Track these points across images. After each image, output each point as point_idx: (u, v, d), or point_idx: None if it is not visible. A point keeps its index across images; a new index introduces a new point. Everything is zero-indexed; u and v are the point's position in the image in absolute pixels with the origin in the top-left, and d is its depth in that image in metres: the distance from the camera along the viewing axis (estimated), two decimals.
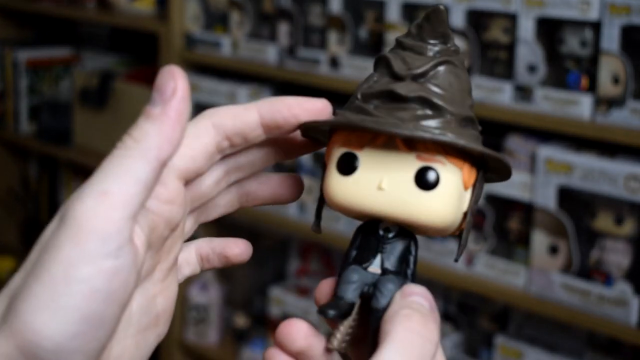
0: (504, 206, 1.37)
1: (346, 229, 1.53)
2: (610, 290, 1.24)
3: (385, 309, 0.36)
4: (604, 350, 1.36)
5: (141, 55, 2.18)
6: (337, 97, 0.78)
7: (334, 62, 1.56)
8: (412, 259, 0.39)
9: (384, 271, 0.38)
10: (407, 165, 0.38)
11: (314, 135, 0.42)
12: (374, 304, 0.37)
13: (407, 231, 0.39)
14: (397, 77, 0.39)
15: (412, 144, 0.38)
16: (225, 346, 1.89)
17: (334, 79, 1.55)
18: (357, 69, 1.52)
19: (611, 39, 1.21)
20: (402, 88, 0.38)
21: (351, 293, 0.38)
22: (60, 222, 0.34)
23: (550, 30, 1.30)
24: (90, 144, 2.14)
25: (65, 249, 0.33)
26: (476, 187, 0.40)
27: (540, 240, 1.31)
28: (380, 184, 0.38)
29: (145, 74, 2.04)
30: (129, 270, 0.33)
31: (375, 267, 0.38)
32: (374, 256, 0.39)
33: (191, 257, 0.43)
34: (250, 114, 0.40)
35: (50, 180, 2.40)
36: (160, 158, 0.34)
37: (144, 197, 0.34)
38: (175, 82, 0.35)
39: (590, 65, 1.26)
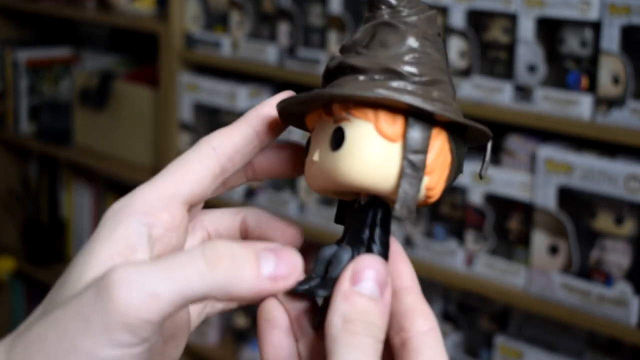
0: (504, 206, 1.37)
1: None
2: (610, 290, 1.24)
3: (335, 279, 0.36)
4: (604, 350, 1.36)
5: (141, 55, 2.18)
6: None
7: None
8: (377, 230, 0.38)
9: (348, 243, 0.38)
10: (328, 132, 0.38)
11: (295, 124, 0.42)
12: (330, 273, 0.37)
13: (377, 201, 0.38)
14: (346, 51, 0.39)
15: (330, 110, 0.38)
16: (225, 346, 1.89)
17: None
18: None
19: (611, 39, 1.21)
20: (349, 59, 0.38)
21: (318, 269, 0.38)
22: (97, 297, 0.32)
23: (550, 30, 1.30)
24: (90, 144, 2.14)
25: (94, 328, 0.32)
26: (452, 150, 0.39)
27: (540, 240, 1.31)
28: (313, 158, 0.38)
29: (145, 74, 2.04)
30: (150, 348, 0.33)
31: (346, 242, 0.38)
32: (347, 231, 0.39)
33: None
34: (244, 129, 0.41)
35: (50, 180, 2.40)
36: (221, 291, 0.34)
37: (189, 302, 0.33)
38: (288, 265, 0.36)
39: (590, 65, 1.26)
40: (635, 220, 1.23)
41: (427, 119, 0.37)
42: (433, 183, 0.39)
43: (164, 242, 0.37)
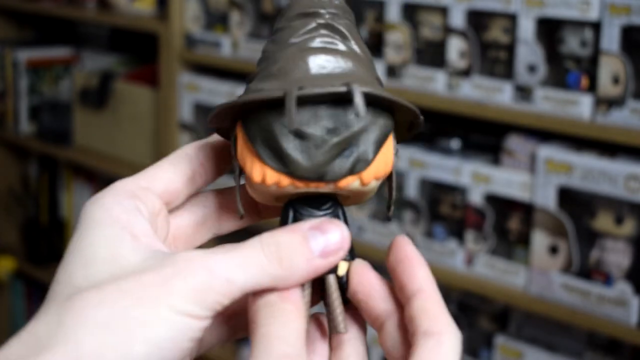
0: (504, 206, 1.37)
1: None
2: (610, 290, 1.24)
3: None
4: (604, 350, 1.36)
5: (141, 55, 2.18)
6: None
7: None
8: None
9: None
10: None
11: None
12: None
13: (335, 200, 0.39)
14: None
15: None
16: (225, 346, 1.89)
17: None
18: None
19: (611, 39, 1.21)
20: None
21: None
22: (177, 274, 0.35)
23: (550, 30, 1.30)
24: (90, 144, 2.14)
25: (172, 294, 0.34)
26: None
27: (540, 240, 1.31)
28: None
29: (145, 74, 2.04)
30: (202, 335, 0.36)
31: None
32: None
33: None
34: (216, 138, 0.42)
35: (50, 180, 2.40)
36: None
37: (251, 291, 0.36)
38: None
39: (590, 65, 1.26)
40: (635, 220, 1.23)
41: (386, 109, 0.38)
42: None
43: (153, 225, 0.38)
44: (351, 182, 0.37)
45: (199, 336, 0.35)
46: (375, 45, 1.51)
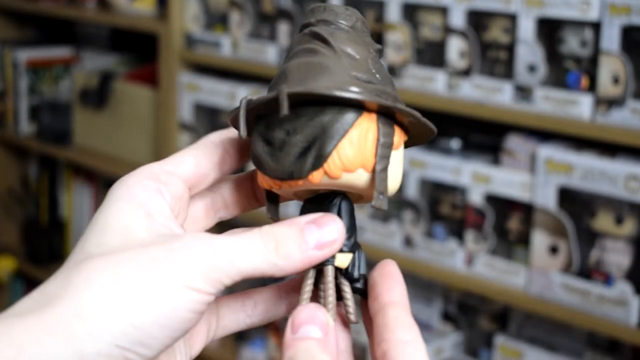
0: (504, 206, 1.37)
1: None
2: (610, 290, 1.24)
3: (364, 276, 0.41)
4: (604, 350, 1.36)
5: (141, 55, 2.18)
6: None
7: None
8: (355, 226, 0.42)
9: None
10: None
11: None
12: (353, 272, 0.41)
13: (342, 195, 0.41)
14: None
15: None
16: (225, 346, 1.89)
17: None
18: None
19: (611, 39, 1.21)
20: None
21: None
22: (187, 249, 0.37)
23: (550, 30, 1.30)
24: (90, 144, 2.14)
25: (180, 268, 0.36)
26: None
27: (540, 240, 1.31)
28: None
29: (145, 74, 2.04)
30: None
31: None
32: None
33: None
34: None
35: (50, 180, 2.40)
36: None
37: (250, 277, 0.38)
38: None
39: (590, 65, 1.26)
40: (635, 220, 1.23)
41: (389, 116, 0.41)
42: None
43: (174, 208, 0.40)
44: (321, 177, 0.39)
45: (201, 310, 0.36)
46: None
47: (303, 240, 0.38)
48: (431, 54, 1.44)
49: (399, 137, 0.41)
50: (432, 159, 1.43)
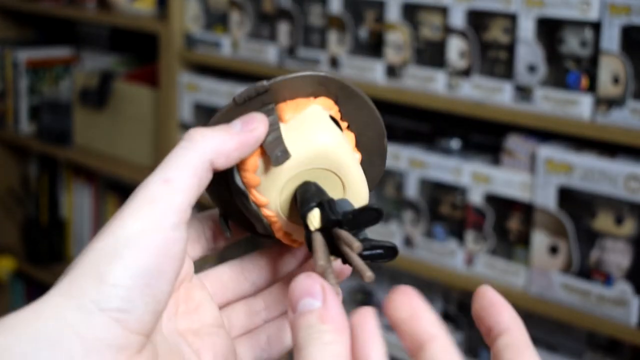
0: (504, 206, 1.37)
1: None
2: (610, 290, 1.24)
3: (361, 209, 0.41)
4: (604, 350, 1.36)
5: (141, 55, 2.18)
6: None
7: (334, 62, 1.56)
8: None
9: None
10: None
11: None
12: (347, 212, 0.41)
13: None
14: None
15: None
16: None
17: None
18: (357, 69, 1.52)
19: (611, 39, 1.21)
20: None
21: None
22: (125, 204, 0.39)
23: (550, 30, 1.30)
24: (90, 144, 2.14)
25: (129, 220, 0.38)
26: None
27: (540, 240, 1.31)
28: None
29: (145, 74, 2.04)
30: (183, 244, 0.39)
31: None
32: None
33: None
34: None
35: (50, 180, 2.40)
36: (211, 161, 0.40)
37: (198, 189, 0.39)
38: (258, 124, 0.41)
39: (590, 65, 1.26)
40: (635, 220, 1.23)
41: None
42: None
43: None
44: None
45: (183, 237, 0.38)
46: (375, 45, 1.51)
47: (230, 129, 0.41)
48: (431, 54, 1.44)
49: (286, 109, 0.42)
50: (432, 159, 1.43)
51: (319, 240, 0.39)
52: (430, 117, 1.57)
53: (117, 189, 2.20)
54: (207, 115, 1.82)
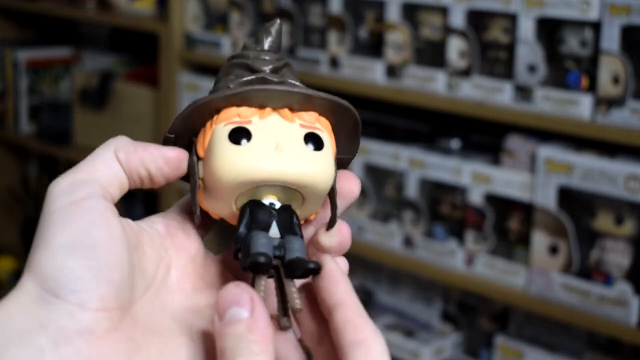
0: (504, 206, 1.37)
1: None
2: (610, 290, 1.24)
3: (297, 259, 0.38)
4: (604, 350, 1.36)
5: (141, 55, 2.18)
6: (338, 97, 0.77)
7: (334, 62, 1.56)
8: (298, 227, 0.40)
9: (283, 234, 0.39)
10: (294, 131, 0.41)
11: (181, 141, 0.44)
12: (288, 256, 0.38)
13: (287, 205, 0.41)
14: (258, 72, 0.43)
15: (293, 114, 0.42)
16: None
17: (334, 79, 1.55)
18: (357, 69, 1.52)
19: (611, 39, 1.21)
20: (271, 76, 0.43)
21: (268, 249, 0.38)
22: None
23: (550, 30, 1.30)
24: (90, 144, 2.14)
25: (52, 205, 0.40)
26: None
27: (540, 240, 1.31)
28: (277, 146, 0.40)
29: (145, 74, 2.04)
30: (105, 212, 0.39)
31: (274, 233, 0.40)
32: (269, 225, 0.40)
33: None
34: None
35: (50, 180, 2.37)
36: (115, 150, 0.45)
37: (109, 170, 0.44)
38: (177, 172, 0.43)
39: (590, 65, 1.26)
40: (635, 220, 1.23)
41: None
42: None
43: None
44: None
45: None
46: (375, 45, 1.51)
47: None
48: (431, 54, 1.44)
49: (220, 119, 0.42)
50: (432, 159, 1.43)
51: (256, 280, 0.39)
52: (430, 117, 1.57)
53: None
54: None
